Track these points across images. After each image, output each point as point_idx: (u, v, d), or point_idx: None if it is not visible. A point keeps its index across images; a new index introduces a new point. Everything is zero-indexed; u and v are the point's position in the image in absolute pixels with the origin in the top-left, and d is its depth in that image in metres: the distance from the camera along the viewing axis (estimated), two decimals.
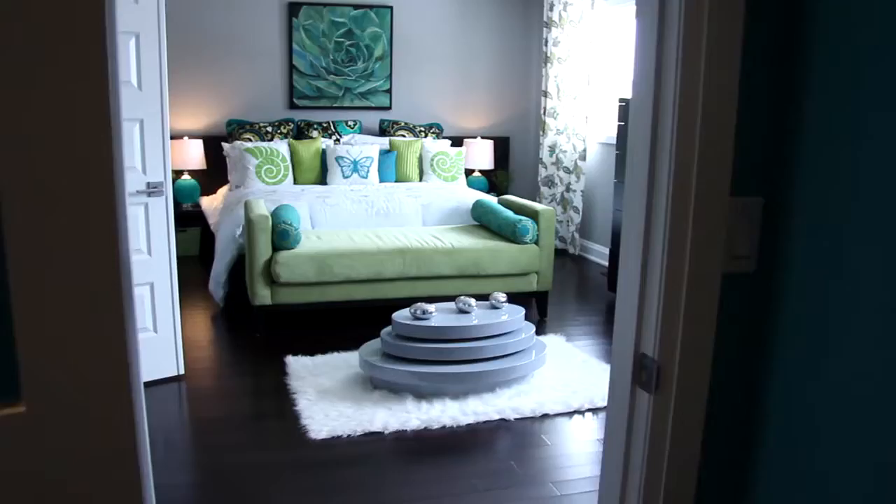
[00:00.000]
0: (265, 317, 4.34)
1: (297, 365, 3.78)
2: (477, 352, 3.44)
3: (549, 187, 6.71)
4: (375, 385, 3.48)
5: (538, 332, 3.96)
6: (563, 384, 3.58)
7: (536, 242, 4.60)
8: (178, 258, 6.42)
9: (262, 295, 4.25)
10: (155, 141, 3.58)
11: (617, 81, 6.21)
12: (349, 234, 4.62)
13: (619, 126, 5.15)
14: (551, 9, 6.60)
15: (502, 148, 7.17)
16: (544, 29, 6.69)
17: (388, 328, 3.61)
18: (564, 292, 5.40)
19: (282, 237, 4.21)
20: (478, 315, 3.62)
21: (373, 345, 3.67)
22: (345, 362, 3.80)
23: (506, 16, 7.14)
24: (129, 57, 3.52)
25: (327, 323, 4.53)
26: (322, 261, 4.23)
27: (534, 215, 4.64)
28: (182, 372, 3.68)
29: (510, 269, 4.52)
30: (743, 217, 1.15)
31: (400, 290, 4.41)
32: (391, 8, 6.79)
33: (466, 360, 3.43)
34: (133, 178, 3.52)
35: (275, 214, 4.43)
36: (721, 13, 1.08)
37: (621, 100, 5.14)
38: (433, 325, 3.47)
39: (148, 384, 3.57)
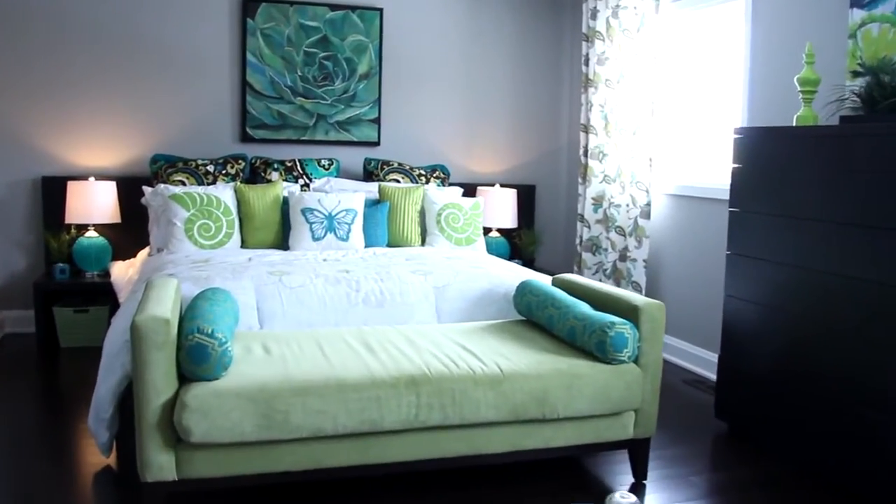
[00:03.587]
0: (166, 501, 2.32)
1: None
2: None
3: (595, 254, 4.81)
4: None
5: None
6: None
7: (636, 360, 2.67)
8: (76, 350, 4.16)
9: (160, 465, 2.23)
10: None
11: (703, 107, 4.36)
12: (319, 342, 2.65)
13: (734, 170, 3.29)
14: (594, 16, 4.80)
15: (526, 200, 5.29)
16: (584, 43, 4.88)
17: None
18: None
19: (195, 358, 2.22)
20: None
21: None
22: None
23: (530, 25, 5.32)
24: None
25: None
26: (269, 403, 2.24)
27: (630, 313, 2.71)
28: None
29: (594, 406, 2.56)
30: None
31: (410, 448, 2.42)
32: (381, 10, 4.93)
33: None
34: None
35: (191, 312, 2.45)
36: None
37: (738, 131, 3.29)
38: None
39: None
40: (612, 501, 1.78)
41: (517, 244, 5.13)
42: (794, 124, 3.14)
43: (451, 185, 4.95)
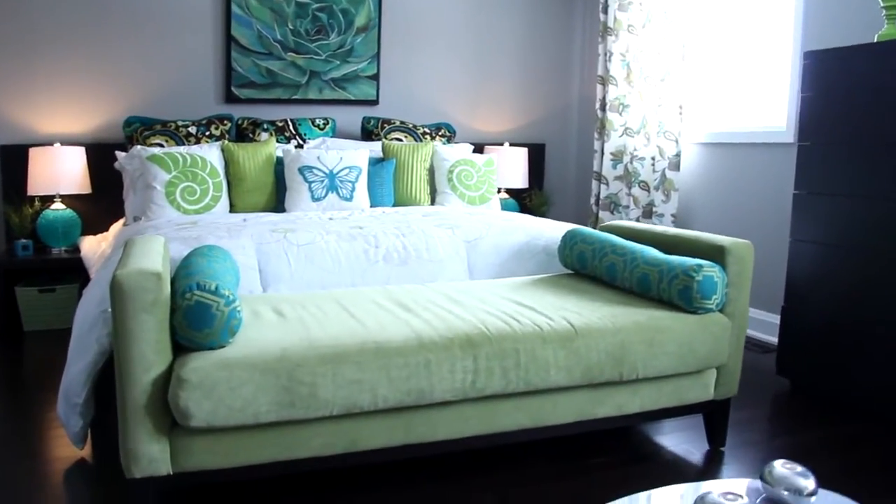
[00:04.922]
0: (158, 499, 1.79)
1: None
2: None
3: (613, 212, 4.34)
4: None
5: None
6: None
7: (722, 309, 2.20)
8: (41, 334, 3.61)
9: (150, 457, 1.70)
10: None
11: (743, 46, 3.86)
12: (342, 303, 2.13)
13: (803, 99, 2.83)
14: None
15: (535, 159, 4.79)
16: None
17: None
18: None
19: (195, 321, 1.69)
20: None
21: None
22: None
23: None
24: None
25: None
26: (291, 374, 1.72)
27: (714, 254, 2.23)
28: None
29: (678, 363, 2.08)
30: None
31: (462, 423, 1.92)
32: None
33: None
34: None
35: (185, 269, 1.92)
36: None
37: (807, 55, 2.82)
38: None
39: None
40: (773, 473, 1.30)
41: (527, 205, 4.64)
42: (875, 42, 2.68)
43: (456, 143, 4.44)
